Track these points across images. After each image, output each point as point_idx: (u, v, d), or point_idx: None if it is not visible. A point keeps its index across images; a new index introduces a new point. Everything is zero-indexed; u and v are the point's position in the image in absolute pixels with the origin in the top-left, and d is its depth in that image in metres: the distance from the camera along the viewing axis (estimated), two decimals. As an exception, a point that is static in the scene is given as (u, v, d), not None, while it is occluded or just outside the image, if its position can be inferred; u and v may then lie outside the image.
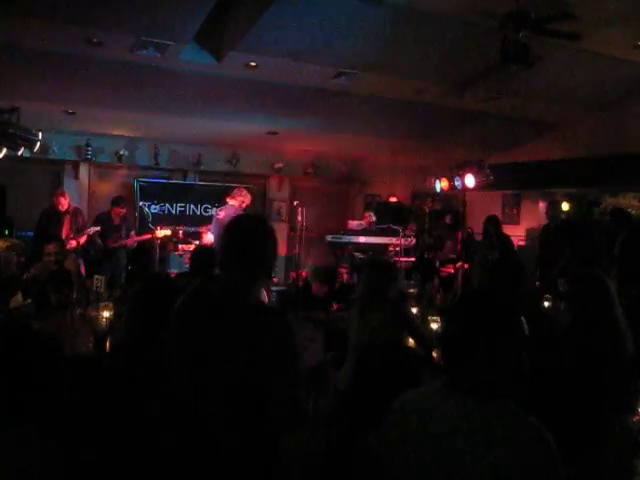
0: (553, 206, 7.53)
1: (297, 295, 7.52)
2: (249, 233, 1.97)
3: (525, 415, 1.54)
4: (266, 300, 5.17)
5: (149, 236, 7.79)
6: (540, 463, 1.48)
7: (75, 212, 7.31)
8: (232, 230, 2.02)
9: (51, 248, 6.25)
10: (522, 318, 1.59)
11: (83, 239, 7.10)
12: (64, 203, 7.14)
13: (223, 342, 1.81)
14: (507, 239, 7.45)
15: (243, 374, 1.78)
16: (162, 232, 7.77)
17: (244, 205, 7.28)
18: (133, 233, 7.74)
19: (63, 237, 6.98)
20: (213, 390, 1.80)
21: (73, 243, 6.98)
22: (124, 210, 7.66)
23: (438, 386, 1.65)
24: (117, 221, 7.57)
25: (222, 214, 7.19)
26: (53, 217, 7.09)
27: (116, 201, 7.67)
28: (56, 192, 7.37)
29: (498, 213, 10.19)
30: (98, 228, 7.17)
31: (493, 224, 7.31)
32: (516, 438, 1.49)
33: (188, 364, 1.85)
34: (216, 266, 4.21)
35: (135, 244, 7.86)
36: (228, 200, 7.38)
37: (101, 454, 2.11)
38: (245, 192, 7.41)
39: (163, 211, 9.48)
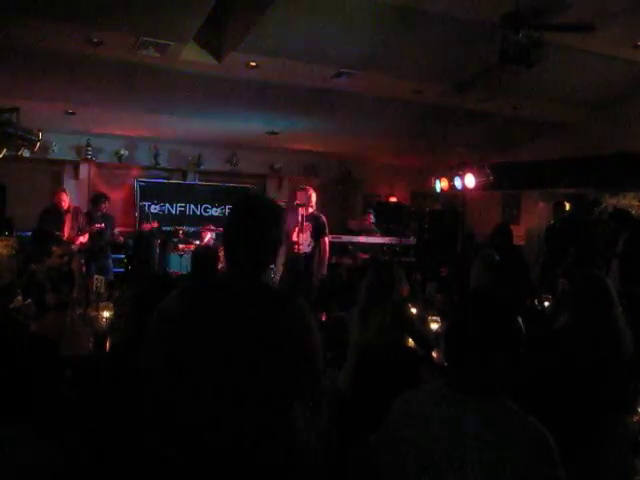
0: (558, 206, 7.53)
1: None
2: (258, 215, 1.87)
3: (525, 414, 1.54)
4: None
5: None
6: (540, 462, 1.48)
7: (76, 211, 7.32)
8: (244, 209, 1.91)
9: (58, 250, 6.27)
10: (519, 318, 1.59)
11: (86, 237, 7.11)
12: (66, 200, 7.14)
13: (241, 327, 1.74)
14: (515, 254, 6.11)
15: (263, 357, 1.72)
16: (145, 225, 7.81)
17: (310, 203, 6.44)
18: (116, 231, 7.61)
19: (65, 236, 6.99)
20: (233, 377, 1.72)
21: (80, 240, 7.00)
22: (104, 206, 7.56)
23: (438, 386, 1.65)
24: (98, 219, 7.43)
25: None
26: (55, 216, 7.10)
27: (94, 199, 7.61)
28: (57, 190, 7.37)
29: (498, 213, 10.21)
30: (102, 225, 7.17)
31: (501, 235, 5.98)
32: (516, 437, 1.49)
33: (204, 353, 1.74)
34: (217, 267, 4.21)
35: (122, 239, 7.79)
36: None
37: (100, 454, 2.11)
38: (298, 193, 6.60)
39: (163, 211, 9.49)
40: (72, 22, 4.98)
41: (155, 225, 7.92)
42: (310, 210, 6.48)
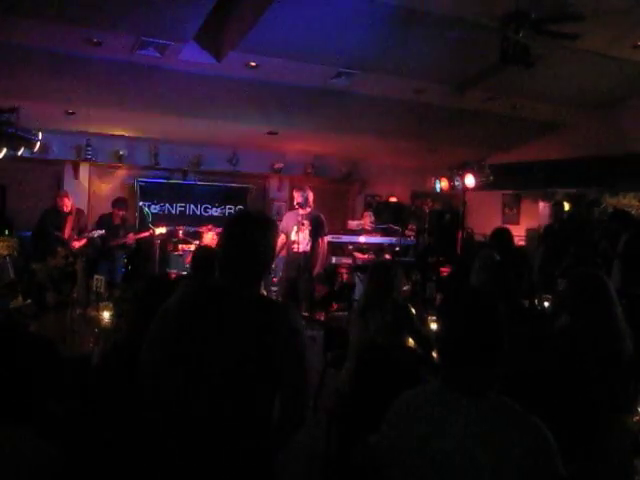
0: (556, 206, 7.53)
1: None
2: (250, 229, 1.96)
3: (524, 413, 1.54)
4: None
5: (147, 234, 7.79)
6: (540, 460, 1.48)
7: (78, 213, 7.37)
8: (233, 227, 2.03)
9: (62, 251, 6.31)
10: (502, 315, 1.62)
11: (84, 241, 7.13)
12: (68, 204, 7.21)
13: (231, 336, 1.82)
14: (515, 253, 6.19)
15: (252, 367, 1.80)
16: (159, 230, 7.79)
17: (309, 203, 6.54)
18: (131, 234, 7.71)
19: (66, 237, 7.01)
20: (220, 386, 1.81)
21: (76, 244, 7.02)
22: (123, 211, 7.67)
23: (436, 386, 1.65)
24: (117, 222, 7.59)
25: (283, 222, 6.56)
26: (56, 217, 7.13)
27: (116, 202, 7.69)
28: (60, 193, 7.43)
29: (498, 213, 10.22)
30: (102, 232, 7.19)
31: (500, 239, 5.29)
32: (515, 436, 1.49)
33: (194, 360, 1.84)
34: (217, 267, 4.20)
35: (134, 242, 7.83)
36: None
37: (100, 454, 2.11)
38: (296, 193, 6.68)
39: (163, 211, 9.48)
40: (72, 22, 4.99)
41: (163, 229, 7.92)
42: (308, 210, 6.54)
